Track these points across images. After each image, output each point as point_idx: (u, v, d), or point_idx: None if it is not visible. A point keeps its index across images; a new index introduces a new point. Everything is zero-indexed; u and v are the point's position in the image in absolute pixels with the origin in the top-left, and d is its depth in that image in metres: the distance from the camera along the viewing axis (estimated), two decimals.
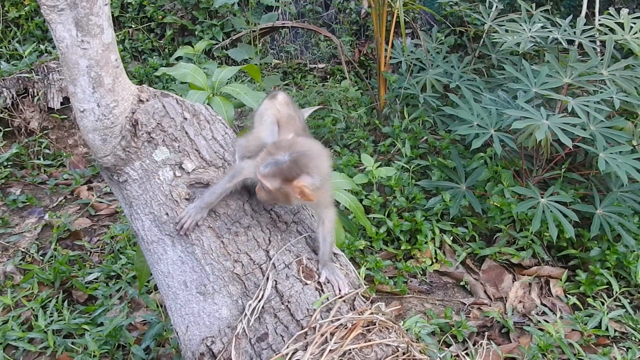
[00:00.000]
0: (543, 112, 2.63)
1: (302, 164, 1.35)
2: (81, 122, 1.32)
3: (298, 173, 1.34)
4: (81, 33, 1.21)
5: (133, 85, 1.38)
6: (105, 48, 1.25)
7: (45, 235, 3.17)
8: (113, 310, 2.54)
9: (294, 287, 1.36)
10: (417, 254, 2.80)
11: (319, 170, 1.37)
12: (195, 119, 1.42)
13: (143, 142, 1.35)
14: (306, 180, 1.35)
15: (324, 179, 1.38)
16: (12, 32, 5.15)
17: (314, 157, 1.38)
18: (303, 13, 5.21)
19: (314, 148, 1.40)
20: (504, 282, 2.71)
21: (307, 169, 1.35)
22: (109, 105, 1.29)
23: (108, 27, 1.25)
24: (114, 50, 1.29)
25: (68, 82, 1.28)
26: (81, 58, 1.23)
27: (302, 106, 4.07)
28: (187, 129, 1.40)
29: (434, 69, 3.61)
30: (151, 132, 1.36)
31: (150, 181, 1.36)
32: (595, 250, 2.67)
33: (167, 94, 1.42)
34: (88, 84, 1.26)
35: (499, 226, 2.82)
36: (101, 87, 1.27)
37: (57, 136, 4.01)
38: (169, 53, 5.07)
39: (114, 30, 1.29)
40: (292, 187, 1.34)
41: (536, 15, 3.39)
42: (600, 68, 2.93)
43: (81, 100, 1.28)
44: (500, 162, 2.96)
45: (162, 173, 1.36)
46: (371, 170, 2.83)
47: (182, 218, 1.36)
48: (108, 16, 1.25)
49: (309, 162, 1.36)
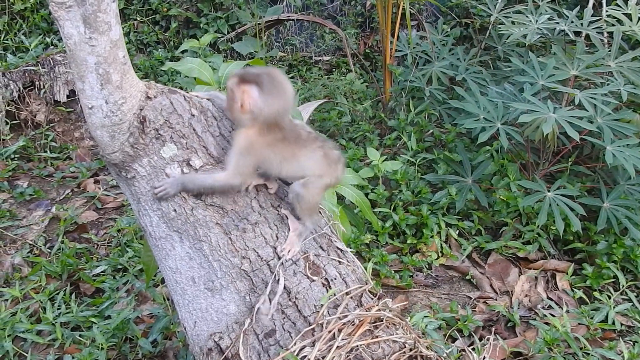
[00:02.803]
0: (550, 105, 2.61)
1: (263, 77, 1.36)
2: (89, 119, 1.32)
3: (253, 80, 1.36)
4: (89, 30, 1.21)
5: (141, 82, 1.38)
6: (113, 45, 1.25)
7: (53, 227, 3.19)
8: (120, 303, 2.57)
9: (302, 283, 1.37)
10: (422, 248, 2.80)
11: (274, 102, 1.37)
12: (203, 116, 1.43)
13: (151, 139, 1.35)
14: (253, 92, 1.35)
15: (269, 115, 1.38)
16: (18, 24, 5.14)
17: (279, 88, 1.39)
18: (308, 5, 5.18)
19: (286, 87, 1.41)
20: (510, 276, 2.71)
21: (264, 85, 1.36)
22: (117, 102, 1.30)
23: (116, 23, 1.25)
24: (122, 47, 1.29)
25: (76, 78, 1.28)
26: (89, 55, 1.23)
27: (308, 99, 4.06)
28: (195, 126, 1.40)
29: (440, 62, 3.59)
30: (159, 128, 1.36)
31: (158, 177, 1.37)
32: (601, 243, 2.67)
33: (174, 91, 1.42)
34: (96, 80, 1.26)
35: (505, 220, 2.82)
36: (109, 84, 1.27)
37: (63, 129, 4.02)
38: (174, 45, 5.06)
39: (121, 26, 1.29)
40: (239, 91, 1.35)
41: (543, 6, 3.35)
42: (607, 60, 2.91)
43: (89, 97, 1.28)
44: (506, 156, 2.95)
45: (170, 169, 1.36)
46: (377, 164, 2.83)
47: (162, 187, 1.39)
48: (116, 13, 1.25)
49: (271, 83, 1.37)
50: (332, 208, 1.73)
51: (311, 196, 1.44)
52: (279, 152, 1.42)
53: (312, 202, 1.45)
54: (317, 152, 1.48)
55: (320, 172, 1.48)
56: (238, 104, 1.36)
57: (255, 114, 1.36)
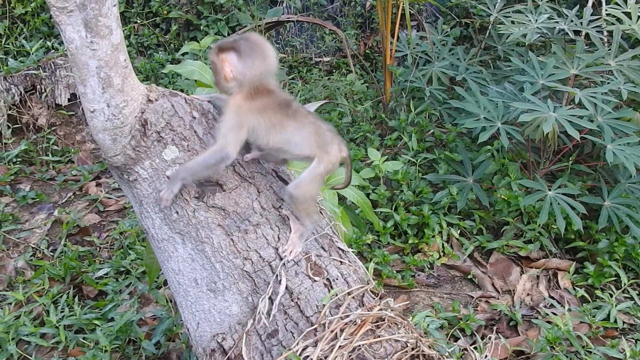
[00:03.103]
0: (550, 104, 2.62)
1: (240, 42, 1.36)
2: (91, 122, 1.33)
3: (230, 47, 1.36)
4: (90, 34, 1.22)
5: (142, 85, 1.39)
6: (115, 49, 1.26)
7: (55, 231, 3.21)
8: (123, 306, 2.57)
9: (304, 283, 1.37)
10: (424, 248, 2.81)
11: (254, 64, 1.36)
12: (204, 118, 1.43)
13: (152, 142, 1.36)
14: (232, 58, 1.35)
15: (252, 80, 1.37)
16: (19, 28, 5.16)
17: (257, 49, 1.38)
18: (307, 6, 5.19)
19: (265, 48, 1.40)
20: (512, 275, 2.72)
21: (242, 50, 1.35)
22: (118, 106, 1.31)
23: (117, 27, 1.26)
24: (123, 51, 1.30)
25: (78, 82, 1.29)
26: (90, 59, 1.24)
27: (308, 100, 4.07)
28: (196, 128, 1.41)
29: (440, 62, 3.59)
30: (160, 131, 1.37)
31: (160, 180, 1.38)
32: (603, 242, 2.67)
33: (175, 93, 1.43)
34: (98, 84, 1.27)
35: (506, 219, 2.82)
36: (111, 87, 1.28)
37: (65, 132, 4.03)
38: (175, 48, 5.07)
39: (122, 30, 1.30)
40: (220, 59, 1.36)
41: (542, 5, 3.36)
42: (607, 59, 2.91)
43: (91, 100, 1.29)
44: (507, 155, 2.96)
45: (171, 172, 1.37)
46: (378, 164, 2.83)
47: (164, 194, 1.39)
48: (117, 17, 1.26)
49: (248, 46, 1.36)
50: (334, 209, 1.74)
51: (305, 195, 1.40)
52: (268, 118, 1.38)
53: (308, 202, 1.41)
54: (308, 127, 1.43)
55: (308, 150, 1.42)
56: (222, 74, 1.37)
57: (239, 80, 1.36)
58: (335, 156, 1.46)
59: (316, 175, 1.42)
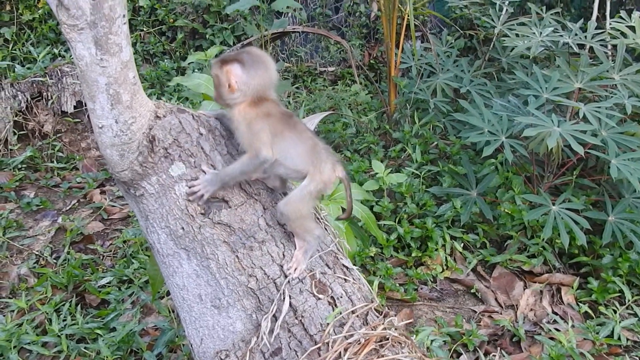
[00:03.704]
0: (554, 118, 2.62)
1: (243, 55, 1.41)
2: (99, 138, 1.34)
3: (233, 59, 1.40)
4: (100, 52, 1.23)
5: (150, 102, 1.40)
6: (124, 66, 1.27)
7: (59, 238, 3.21)
8: (125, 315, 2.57)
9: (308, 301, 1.37)
10: (427, 261, 2.80)
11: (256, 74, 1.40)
12: (211, 134, 1.44)
13: (160, 158, 1.37)
14: (236, 69, 1.38)
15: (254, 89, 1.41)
16: (26, 34, 5.20)
17: (259, 61, 1.42)
18: (313, 16, 5.22)
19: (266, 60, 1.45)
20: (515, 290, 2.71)
21: (245, 61, 1.40)
22: (126, 122, 1.31)
23: (126, 45, 1.27)
24: (132, 68, 1.31)
25: (87, 98, 1.30)
26: (100, 76, 1.25)
27: (313, 110, 4.09)
28: (203, 145, 1.41)
29: (444, 74, 3.60)
30: (168, 147, 1.38)
31: (167, 196, 1.38)
32: (607, 257, 2.66)
33: (183, 110, 1.44)
34: (107, 101, 1.28)
35: (509, 233, 2.82)
36: (119, 104, 1.29)
37: (70, 139, 4.05)
38: (180, 56, 5.10)
39: (131, 47, 1.31)
40: (223, 72, 1.39)
41: (547, 18, 3.37)
42: (611, 72, 2.92)
43: (100, 116, 1.30)
44: (511, 168, 2.96)
45: (178, 188, 1.38)
46: (382, 176, 2.84)
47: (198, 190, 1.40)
48: (126, 34, 1.27)
49: (251, 58, 1.41)
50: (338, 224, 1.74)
51: (296, 213, 1.40)
52: (272, 125, 1.41)
53: (300, 219, 1.41)
54: (306, 142, 1.44)
55: (302, 166, 1.42)
56: (225, 85, 1.40)
57: (243, 90, 1.40)
58: (328, 176, 1.46)
59: (306, 194, 1.42)
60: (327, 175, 1.45)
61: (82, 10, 1.19)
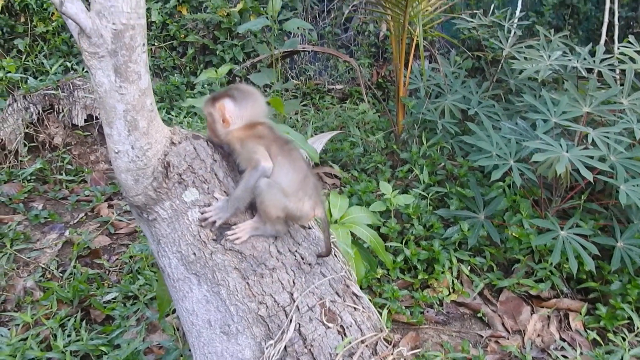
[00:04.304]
0: (563, 143, 2.62)
1: (232, 90, 1.49)
2: (115, 163, 1.35)
3: (224, 95, 1.48)
4: (119, 79, 1.25)
5: (166, 128, 1.42)
6: (142, 93, 1.29)
7: (66, 251, 3.22)
8: (130, 332, 2.57)
9: (317, 330, 1.37)
10: (434, 284, 2.79)
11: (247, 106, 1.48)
12: (225, 161, 1.46)
13: (174, 183, 1.38)
14: (228, 104, 1.46)
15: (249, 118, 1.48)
16: (39, 46, 5.27)
17: (248, 94, 1.50)
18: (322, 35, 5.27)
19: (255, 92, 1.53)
20: (522, 314, 2.69)
21: (235, 96, 1.47)
22: (142, 148, 1.33)
23: (145, 73, 1.29)
24: (150, 95, 1.33)
25: (104, 124, 1.32)
26: (118, 102, 1.27)
27: (321, 128, 4.11)
28: (217, 171, 1.43)
29: (452, 95, 3.62)
30: (182, 173, 1.39)
31: (179, 221, 1.39)
32: (616, 283, 2.64)
33: (198, 136, 1.45)
34: (124, 127, 1.30)
35: (517, 257, 2.81)
36: (136, 130, 1.31)
37: (79, 152, 4.08)
38: (190, 71, 5.16)
39: (149, 75, 1.33)
40: (216, 109, 1.47)
41: (555, 41, 3.39)
42: (620, 97, 2.92)
43: (116, 142, 1.32)
44: (518, 192, 2.95)
45: (191, 214, 1.39)
46: (389, 197, 2.84)
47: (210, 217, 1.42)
48: (145, 63, 1.29)
49: (240, 93, 1.49)
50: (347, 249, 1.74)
51: (266, 202, 1.41)
52: (266, 147, 1.46)
53: (267, 208, 1.42)
54: (298, 171, 1.47)
55: (288, 190, 1.44)
56: (220, 121, 1.47)
57: (237, 123, 1.48)
58: (306, 211, 1.48)
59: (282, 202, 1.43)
60: (305, 211, 1.48)
61: (103, 38, 1.22)
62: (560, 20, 4.87)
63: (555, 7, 4.77)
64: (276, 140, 1.47)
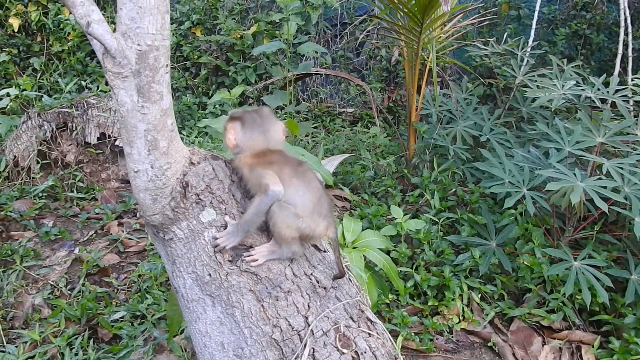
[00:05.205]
0: (577, 173, 2.61)
1: (247, 115, 1.48)
2: (133, 182, 1.36)
3: (238, 117, 1.48)
4: (142, 99, 1.27)
5: (185, 148, 1.43)
6: (163, 113, 1.31)
7: (75, 269, 3.22)
8: (137, 352, 2.54)
9: (332, 355, 1.35)
10: (444, 310, 2.75)
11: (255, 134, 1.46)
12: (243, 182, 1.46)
13: (191, 204, 1.39)
14: (237, 127, 1.45)
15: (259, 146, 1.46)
16: (54, 65, 5.37)
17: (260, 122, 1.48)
18: (334, 58, 5.33)
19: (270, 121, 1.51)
20: (534, 345, 2.64)
21: (246, 122, 1.46)
22: (162, 167, 1.34)
23: (167, 93, 1.31)
24: (171, 115, 1.34)
25: (125, 143, 1.33)
26: (140, 122, 1.29)
27: (331, 151, 4.12)
28: (234, 192, 1.43)
29: (464, 121, 3.63)
30: (200, 194, 1.39)
31: (196, 241, 1.39)
32: (629, 317, 2.60)
33: (216, 157, 1.46)
34: (144, 146, 1.31)
35: (528, 286, 2.77)
36: (156, 150, 1.32)
37: (91, 170, 4.11)
38: (202, 91, 5.21)
39: (171, 95, 1.35)
40: (228, 127, 1.47)
41: (567, 70, 3.41)
42: (634, 128, 2.92)
43: (136, 161, 1.33)
44: (531, 220, 2.93)
45: (208, 234, 1.39)
46: (400, 222, 2.83)
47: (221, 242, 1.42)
48: (168, 83, 1.31)
49: (256, 119, 1.47)
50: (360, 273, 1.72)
51: (279, 224, 1.41)
52: (277, 171, 1.44)
53: (281, 230, 1.41)
54: (312, 192, 1.47)
55: (303, 211, 1.44)
56: (226, 138, 1.49)
57: (240, 146, 1.47)
58: (320, 231, 1.48)
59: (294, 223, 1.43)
60: (319, 231, 1.48)
61: (127, 59, 1.24)
62: (572, 50, 4.92)
63: (567, 37, 4.81)
64: (289, 163, 1.47)
